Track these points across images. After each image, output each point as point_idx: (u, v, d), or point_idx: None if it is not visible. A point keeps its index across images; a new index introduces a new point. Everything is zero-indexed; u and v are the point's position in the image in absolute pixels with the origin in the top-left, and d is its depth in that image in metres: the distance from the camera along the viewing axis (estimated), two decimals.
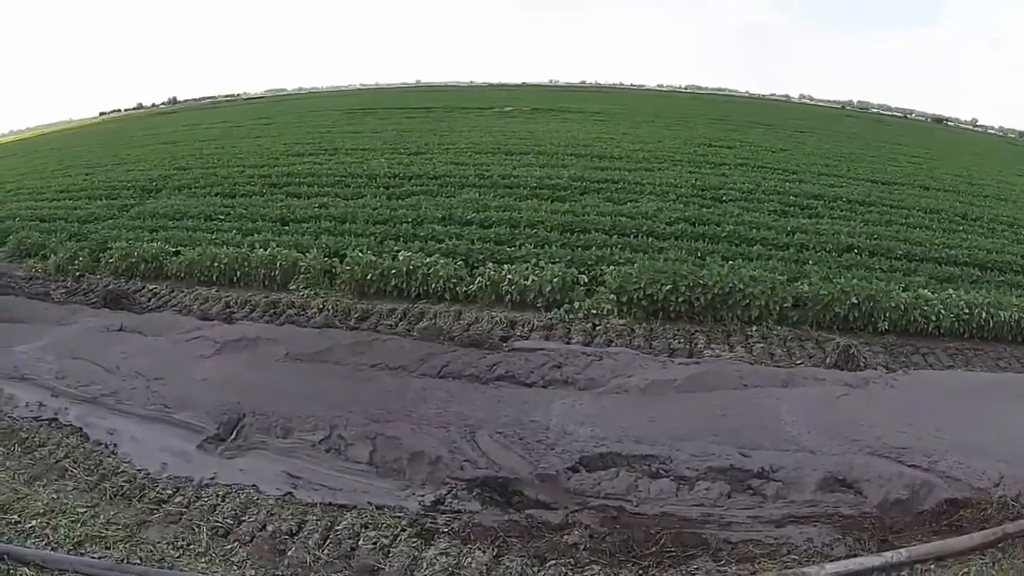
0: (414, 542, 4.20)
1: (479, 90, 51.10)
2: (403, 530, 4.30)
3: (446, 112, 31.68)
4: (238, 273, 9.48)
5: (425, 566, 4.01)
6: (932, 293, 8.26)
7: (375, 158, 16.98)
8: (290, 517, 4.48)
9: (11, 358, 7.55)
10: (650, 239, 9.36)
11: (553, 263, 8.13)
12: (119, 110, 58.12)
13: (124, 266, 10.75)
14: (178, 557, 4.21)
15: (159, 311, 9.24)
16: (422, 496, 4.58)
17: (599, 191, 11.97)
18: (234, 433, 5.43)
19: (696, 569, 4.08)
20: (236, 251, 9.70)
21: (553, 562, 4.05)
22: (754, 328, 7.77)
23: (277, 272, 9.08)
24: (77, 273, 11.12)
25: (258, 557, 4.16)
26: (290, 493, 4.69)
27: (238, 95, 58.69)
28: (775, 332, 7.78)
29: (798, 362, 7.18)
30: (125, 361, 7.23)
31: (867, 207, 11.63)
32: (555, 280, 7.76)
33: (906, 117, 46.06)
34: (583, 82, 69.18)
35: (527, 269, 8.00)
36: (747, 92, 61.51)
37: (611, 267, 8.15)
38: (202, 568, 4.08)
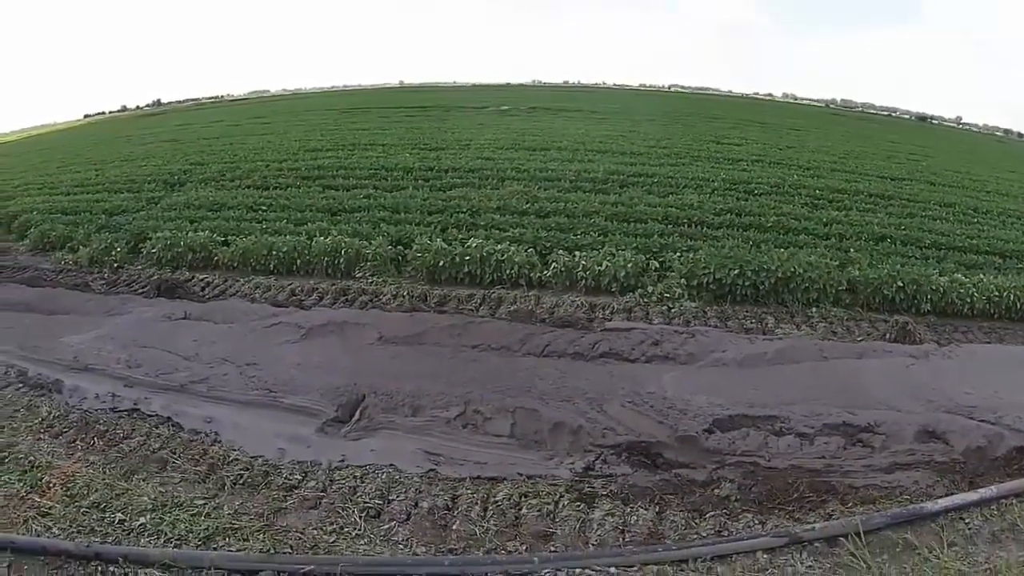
0: (577, 506, 4.39)
1: (465, 90, 51.32)
2: (562, 496, 4.47)
3: (444, 111, 31.85)
4: (298, 262, 9.52)
5: (595, 527, 4.22)
6: (965, 278, 8.91)
7: (398, 153, 17.07)
8: (441, 493, 4.51)
9: (67, 349, 7.36)
10: (703, 228, 9.79)
11: (622, 250, 8.46)
12: (103, 112, 57.12)
13: (169, 256, 10.67)
14: (333, 542, 4.10)
15: (219, 300, 9.14)
16: (571, 464, 4.78)
17: (637, 184, 12.37)
18: (357, 414, 5.39)
19: (832, 511, 4.47)
20: (294, 239, 9.73)
21: (711, 513, 4.37)
22: (813, 309, 8.26)
23: (341, 260, 9.14)
24: (115, 264, 11.00)
25: (421, 534, 4.16)
26: (433, 470, 4.70)
27: (222, 96, 58.25)
28: (832, 313, 8.28)
29: (859, 338, 7.70)
30: (203, 348, 7.16)
31: (887, 200, 12.33)
32: (629, 266, 8.09)
33: (890, 115, 47.65)
34: (565, 82, 69.68)
35: (600, 255, 8.31)
36: (730, 91, 63.19)
37: (677, 254, 8.52)
38: (366, 551, 3.99)
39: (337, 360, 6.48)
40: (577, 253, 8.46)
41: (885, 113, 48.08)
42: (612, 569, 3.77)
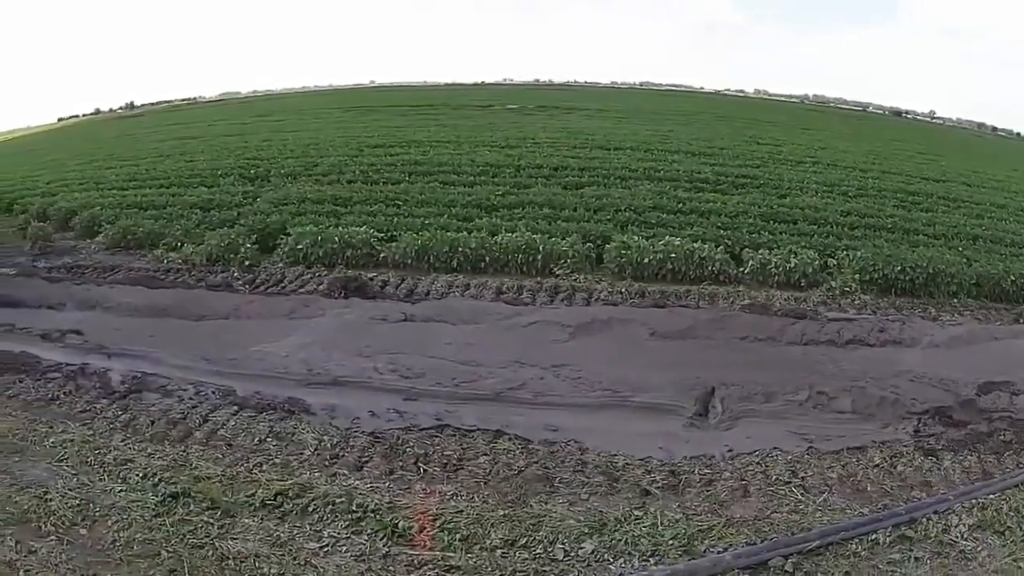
0: (931, 460, 5.38)
1: (444, 89, 50.75)
2: (914, 454, 5.45)
3: (453, 109, 31.91)
4: (487, 259, 9.86)
5: (950, 472, 5.26)
6: None
7: (473, 150, 17.35)
8: (833, 464, 5.15)
9: (278, 360, 6.93)
10: (841, 228, 11.05)
11: (802, 248, 9.59)
12: (77, 115, 53.57)
13: (320, 252, 10.52)
14: (798, 520, 4.41)
15: (431, 300, 8.93)
16: (904, 429, 5.77)
17: (746, 186, 13.54)
18: (718, 405, 5.88)
19: None
20: (479, 236, 10.06)
21: (1007, 453, 5.47)
22: (955, 300, 9.70)
23: (539, 257, 9.64)
24: (246, 262, 10.65)
25: (850, 497, 4.81)
26: (812, 447, 5.32)
27: (195, 98, 56.13)
28: (968, 303, 9.74)
29: (997, 323, 9.22)
30: (470, 352, 7.01)
31: (954, 203, 14.04)
32: (815, 263, 9.25)
33: (865, 110, 49.94)
34: (536, 80, 68.33)
35: (785, 253, 9.41)
36: (702, 88, 65.46)
37: (846, 252, 9.75)
38: (829, 520, 4.49)
39: (630, 356, 6.84)
40: (763, 251, 9.51)
41: (860, 108, 50.34)
42: (991, 496, 4.86)
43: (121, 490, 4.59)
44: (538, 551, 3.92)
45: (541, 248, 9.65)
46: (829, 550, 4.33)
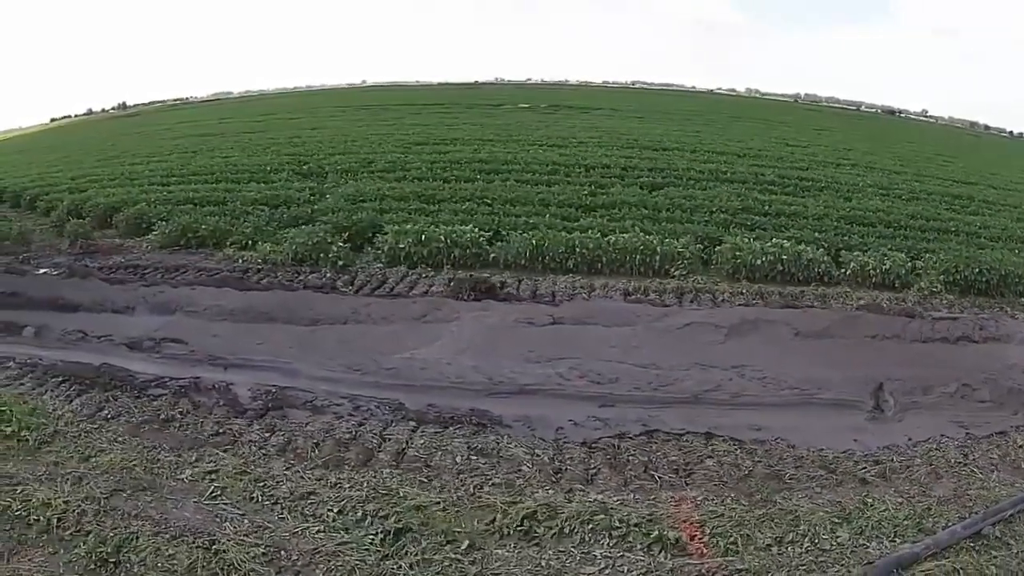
0: None
1: (446, 89, 50.80)
2: None
3: (468, 108, 32.19)
4: (603, 259, 10.32)
5: None
6: None
7: (524, 149, 17.81)
8: (990, 447, 5.83)
9: (444, 367, 6.72)
10: (912, 231, 12.02)
11: (892, 251, 10.48)
12: (70, 116, 53.74)
13: (424, 252, 10.65)
14: (986, 495, 5.00)
15: (571, 302, 8.96)
16: None
17: (808, 189, 14.40)
18: (890, 399, 6.46)
19: None
20: (594, 237, 10.48)
21: None
22: (1022, 300, 10.76)
23: (656, 258, 10.14)
24: (339, 262, 10.55)
25: (1012, 473, 5.47)
26: (969, 433, 5.98)
27: (187, 98, 56.73)
28: None
29: None
30: (634, 355, 7.21)
31: (992, 205, 15.22)
32: (907, 265, 10.14)
33: (858, 109, 51.80)
34: (528, 79, 68.53)
35: (879, 256, 10.27)
36: (694, 87, 66.93)
37: (928, 255, 10.67)
38: (1009, 493, 5.04)
39: (795, 355, 7.27)
40: (857, 253, 10.36)
41: (853, 108, 52.06)
42: None
43: (318, 531, 3.85)
44: (806, 544, 4.08)
45: (658, 249, 10.17)
46: (1017, 517, 5.08)
